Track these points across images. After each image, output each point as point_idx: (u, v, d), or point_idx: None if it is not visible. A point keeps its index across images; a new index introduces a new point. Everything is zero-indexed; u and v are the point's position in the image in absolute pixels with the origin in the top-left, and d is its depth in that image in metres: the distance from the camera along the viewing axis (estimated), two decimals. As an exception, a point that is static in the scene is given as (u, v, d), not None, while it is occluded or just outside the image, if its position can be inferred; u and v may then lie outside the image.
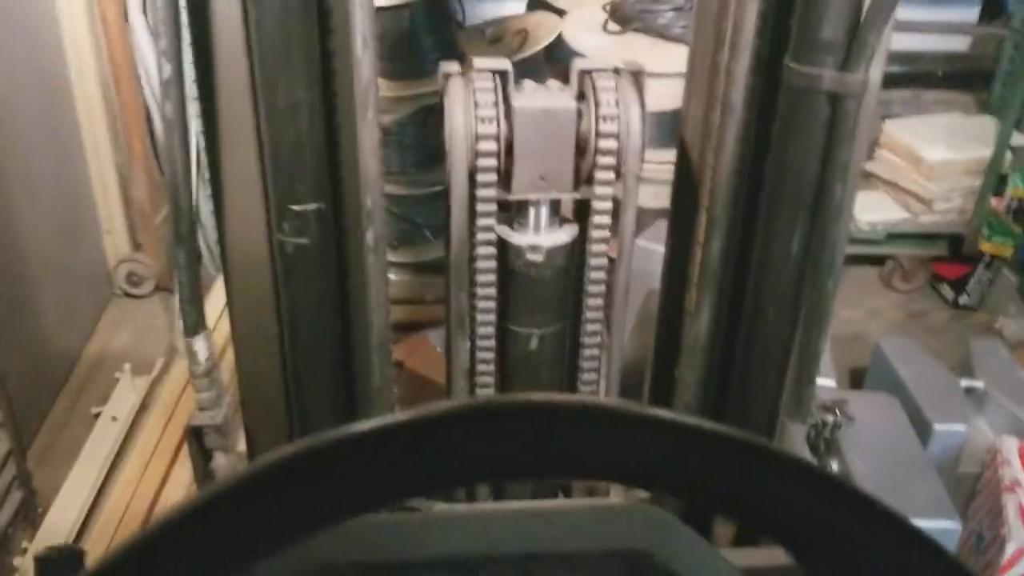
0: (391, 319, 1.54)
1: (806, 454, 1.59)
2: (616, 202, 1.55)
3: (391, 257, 3.25)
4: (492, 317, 1.64)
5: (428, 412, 0.40)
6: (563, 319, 1.70)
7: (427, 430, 0.40)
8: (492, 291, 1.61)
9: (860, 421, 1.81)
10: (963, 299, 3.70)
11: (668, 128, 2.58)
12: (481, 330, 1.64)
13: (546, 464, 0.43)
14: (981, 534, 2.22)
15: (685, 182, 1.64)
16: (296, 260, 1.38)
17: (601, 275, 1.61)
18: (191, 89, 1.34)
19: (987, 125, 3.62)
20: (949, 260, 3.73)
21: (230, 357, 1.63)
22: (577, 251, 1.64)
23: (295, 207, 1.33)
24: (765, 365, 1.55)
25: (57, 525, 2.36)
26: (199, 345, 1.41)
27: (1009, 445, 2.24)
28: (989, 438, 2.34)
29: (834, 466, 2.04)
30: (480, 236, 1.55)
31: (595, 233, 1.57)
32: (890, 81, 3.92)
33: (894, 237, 3.68)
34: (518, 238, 1.61)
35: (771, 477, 0.42)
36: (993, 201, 3.64)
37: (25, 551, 2.27)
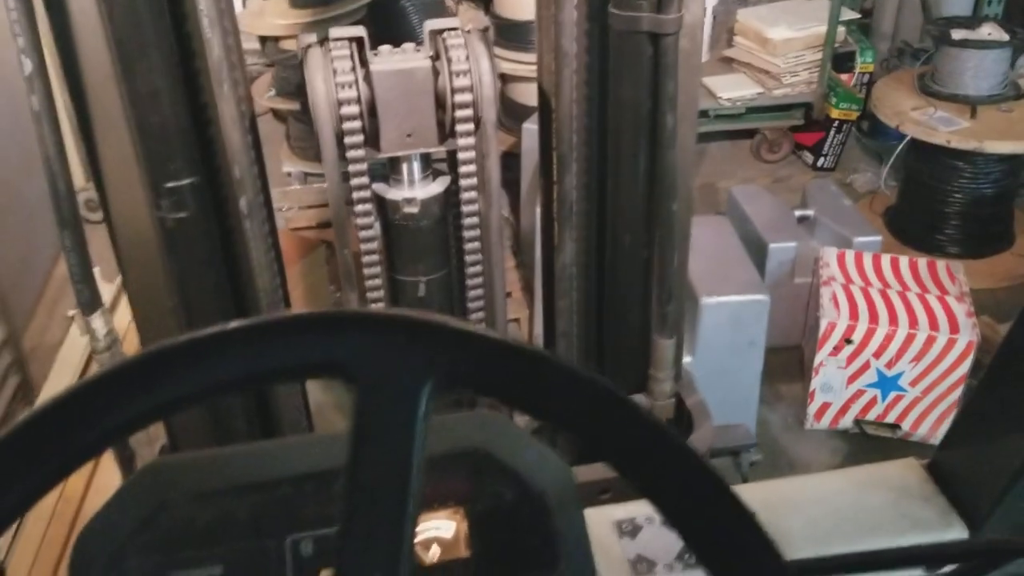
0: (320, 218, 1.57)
1: (674, 367, 1.73)
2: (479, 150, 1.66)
3: (313, 169, 3.40)
4: (379, 270, 1.75)
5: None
6: (446, 265, 1.82)
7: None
8: (375, 245, 1.72)
9: (695, 235, 1.99)
10: (821, 162, 4.21)
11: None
12: (370, 282, 1.75)
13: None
14: (811, 324, 2.76)
15: (545, 127, 1.75)
16: (178, 233, 1.47)
17: (475, 220, 1.72)
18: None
19: (823, 6, 4.06)
20: (806, 129, 4.19)
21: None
22: (452, 200, 1.76)
23: (169, 184, 1.43)
24: (630, 288, 1.69)
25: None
26: (97, 322, 1.50)
27: (829, 251, 2.85)
28: (818, 253, 2.86)
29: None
30: (357, 195, 1.66)
31: (465, 181, 1.68)
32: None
33: (754, 111, 4.16)
34: (394, 193, 1.72)
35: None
36: (844, 77, 4.15)
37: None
